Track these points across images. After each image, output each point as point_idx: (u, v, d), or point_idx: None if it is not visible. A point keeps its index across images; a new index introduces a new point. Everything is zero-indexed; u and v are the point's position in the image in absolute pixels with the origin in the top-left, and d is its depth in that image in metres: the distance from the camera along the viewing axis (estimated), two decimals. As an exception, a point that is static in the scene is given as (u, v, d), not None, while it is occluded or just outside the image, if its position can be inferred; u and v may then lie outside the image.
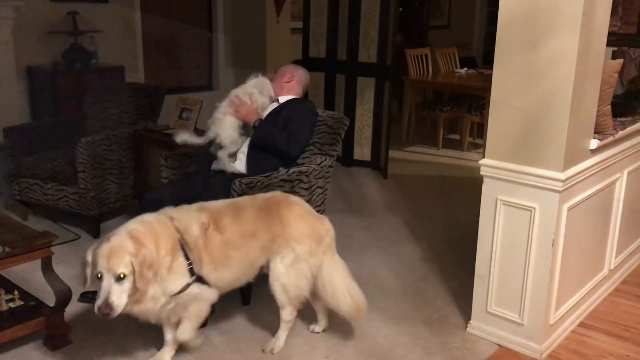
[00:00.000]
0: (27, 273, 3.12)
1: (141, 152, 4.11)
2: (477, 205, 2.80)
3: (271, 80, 3.47)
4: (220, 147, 3.28)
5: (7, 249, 2.59)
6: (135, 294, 2.24)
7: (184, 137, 3.36)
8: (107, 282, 2.18)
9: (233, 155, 3.29)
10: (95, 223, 3.89)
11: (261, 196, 2.73)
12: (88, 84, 4.80)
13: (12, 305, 2.71)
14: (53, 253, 2.66)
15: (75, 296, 2.91)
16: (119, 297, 2.19)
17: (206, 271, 2.44)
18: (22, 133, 4.17)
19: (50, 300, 2.73)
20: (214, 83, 6.93)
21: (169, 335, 2.60)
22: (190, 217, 2.46)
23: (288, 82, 3.47)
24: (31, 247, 2.60)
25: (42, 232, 2.72)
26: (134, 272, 2.21)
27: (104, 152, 3.86)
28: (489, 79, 2.73)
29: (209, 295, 2.48)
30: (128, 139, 4.04)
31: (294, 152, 3.26)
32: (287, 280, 2.60)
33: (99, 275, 2.20)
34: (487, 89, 3.39)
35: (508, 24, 2.53)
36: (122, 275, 2.19)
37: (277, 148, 3.22)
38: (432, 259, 3.74)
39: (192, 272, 2.40)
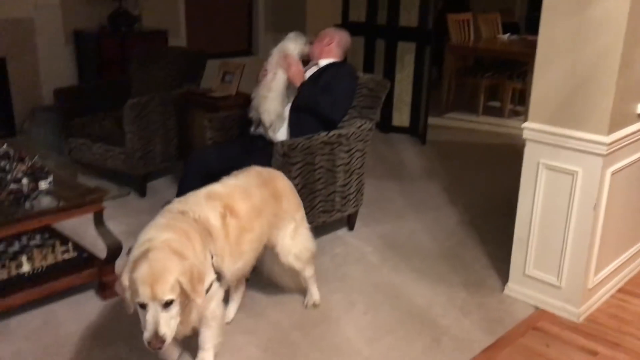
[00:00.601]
0: (79, 228, 3.27)
1: (185, 115, 4.20)
2: (517, 172, 2.80)
3: (311, 43, 3.49)
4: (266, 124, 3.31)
5: (61, 203, 2.71)
6: (185, 312, 1.96)
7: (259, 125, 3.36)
8: (154, 312, 1.86)
9: (276, 123, 3.32)
10: (141, 182, 4.02)
11: (253, 173, 2.55)
12: (132, 47, 4.90)
13: (66, 256, 2.86)
14: (105, 207, 2.78)
15: (125, 249, 3.05)
16: (168, 325, 1.87)
17: (227, 264, 2.22)
18: (71, 95, 4.30)
19: (101, 253, 2.87)
20: (254, 48, 6.96)
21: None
22: (204, 207, 2.22)
23: (328, 45, 3.48)
24: (84, 202, 2.73)
25: (94, 187, 2.85)
26: (181, 291, 1.90)
27: (150, 113, 3.96)
28: (532, 45, 2.70)
29: (221, 292, 2.24)
30: (172, 102, 4.13)
31: (337, 116, 3.28)
32: (297, 250, 2.60)
33: (142, 305, 1.87)
34: (530, 55, 3.33)
35: (556, -16, 2.49)
36: (170, 301, 1.88)
37: (320, 111, 3.25)
38: (470, 224, 3.76)
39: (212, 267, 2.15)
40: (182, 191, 3.21)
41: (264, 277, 2.79)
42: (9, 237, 2.92)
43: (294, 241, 2.59)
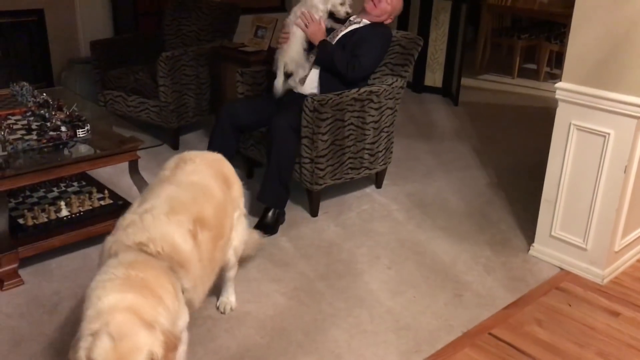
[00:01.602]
0: (115, 176, 3.38)
1: (218, 69, 4.24)
2: (549, 136, 2.78)
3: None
4: (289, 74, 3.33)
5: (98, 151, 2.80)
6: None
7: (279, 87, 3.35)
8: None
9: (303, 79, 3.34)
10: (174, 135, 4.11)
11: (201, 161, 2.17)
12: (167, 0, 4.92)
13: (102, 203, 2.97)
14: (139, 157, 2.86)
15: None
16: None
17: (200, 290, 1.87)
18: (107, 47, 4.37)
19: (135, 200, 2.96)
20: (287, 4, 6.91)
21: None
22: (167, 228, 1.79)
23: (389, 17, 3.39)
24: (120, 150, 2.81)
25: (129, 137, 2.93)
26: None
27: (183, 67, 4.01)
28: (571, 5, 2.63)
29: (186, 333, 1.83)
30: (205, 56, 4.16)
31: (351, 76, 3.23)
32: (237, 242, 2.28)
33: None
34: (570, 15, 3.23)
35: (599, -61, 2.42)
36: None
37: (336, 69, 3.24)
38: (499, 185, 3.76)
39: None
40: (212, 145, 3.29)
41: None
42: (48, 183, 3.05)
43: (236, 232, 2.25)
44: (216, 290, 2.42)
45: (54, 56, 4.90)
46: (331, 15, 3.38)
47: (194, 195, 1.97)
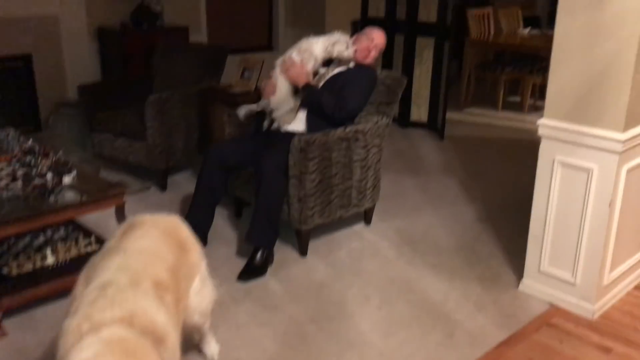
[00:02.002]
0: (102, 221, 3.35)
1: (205, 110, 4.27)
2: (535, 168, 2.80)
3: (356, 41, 3.44)
4: (273, 110, 3.38)
5: (84, 198, 2.79)
6: None
7: (244, 109, 3.45)
8: None
9: (288, 116, 3.38)
10: (162, 176, 4.11)
11: (151, 226, 2.03)
12: (154, 44, 4.98)
13: (89, 249, 2.94)
14: (126, 201, 2.86)
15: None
16: None
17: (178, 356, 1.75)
18: (95, 91, 4.39)
19: (123, 245, 2.94)
20: (274, 43, 7.01)
21: None
22: (140, 301, 1.66)
23: (375, 50, 3.46)
24: (106, 196, 2.81)
25: (116, 182, 2.93)
26: None
27: (171, 109, 4.04)
28: (552, 39, 2.69)
29: None
30: (193, 97, 4.20)
31: (339, 117, 3.27)
32: (203, 306, 2.18)
33: None
34: (551, 49, 3.30)
35: (573, -20, 2.49)
36: None
37: (324, 111, 3.28)
38: (487, 220, 3.77)
39: None
40: (199, 186, 3.30)
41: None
42: (34, 231, 3.02)
43: (201, 296, 2.15)
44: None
45: (42, 100, 4.94)
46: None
47: (145, 260, 1.85)
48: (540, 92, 6.63)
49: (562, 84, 2.62)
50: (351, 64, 3.47)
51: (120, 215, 2.86)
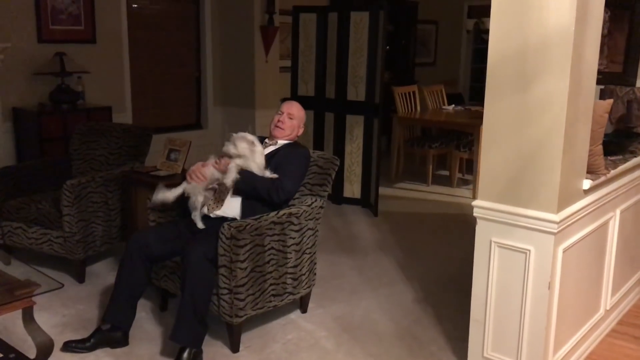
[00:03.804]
0: (8, 321, 3.01)
1: (128, 194, 4.04)
2: (469, 243, 2.76)
3: (279, 121, 3.37)
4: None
5: (-14, 300, 2.49)
6: None
7: (160, 196, 3.25)
8: None
9: (211, 200, 3.20)
10: (80, 267, 3.79)
11: None
12: (74, 124, 4.75)
13: (-9, 358, 2.60)
14: (35, 303, 2.56)
15: (58, 346, 2.81)
16: None
17: None
18: (7, 175, 4.08)
19: (31, 350, 2.62)
20: (203, 122, 6.90)
21: None
22: None
23: (298, 128, 3.42)
24: (12, 298, 2.50)
25: (24, 281, 2.63)
26: None
27: (90, 194, 3.79)
28: (476, 115, 2.73)
29: None
30: (115, 181, 3.97)
31: (277, 199, 3.16)
32: None
33: None
34: (475, 125, 3.38)
35: (498, 64, 2.53)
36: None
37: (260, 196, 3.14)
38: (426, 300, 3.67)
39: None
40: (120, 279, 3.05)
41: None
42: None
43: None
44: None
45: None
46: None
47: None
48: (467, 166, 6.80)
49: (494, 166, 2.62)
50: (278, 143, 3.38)
51: (28, 319, 2.55)
